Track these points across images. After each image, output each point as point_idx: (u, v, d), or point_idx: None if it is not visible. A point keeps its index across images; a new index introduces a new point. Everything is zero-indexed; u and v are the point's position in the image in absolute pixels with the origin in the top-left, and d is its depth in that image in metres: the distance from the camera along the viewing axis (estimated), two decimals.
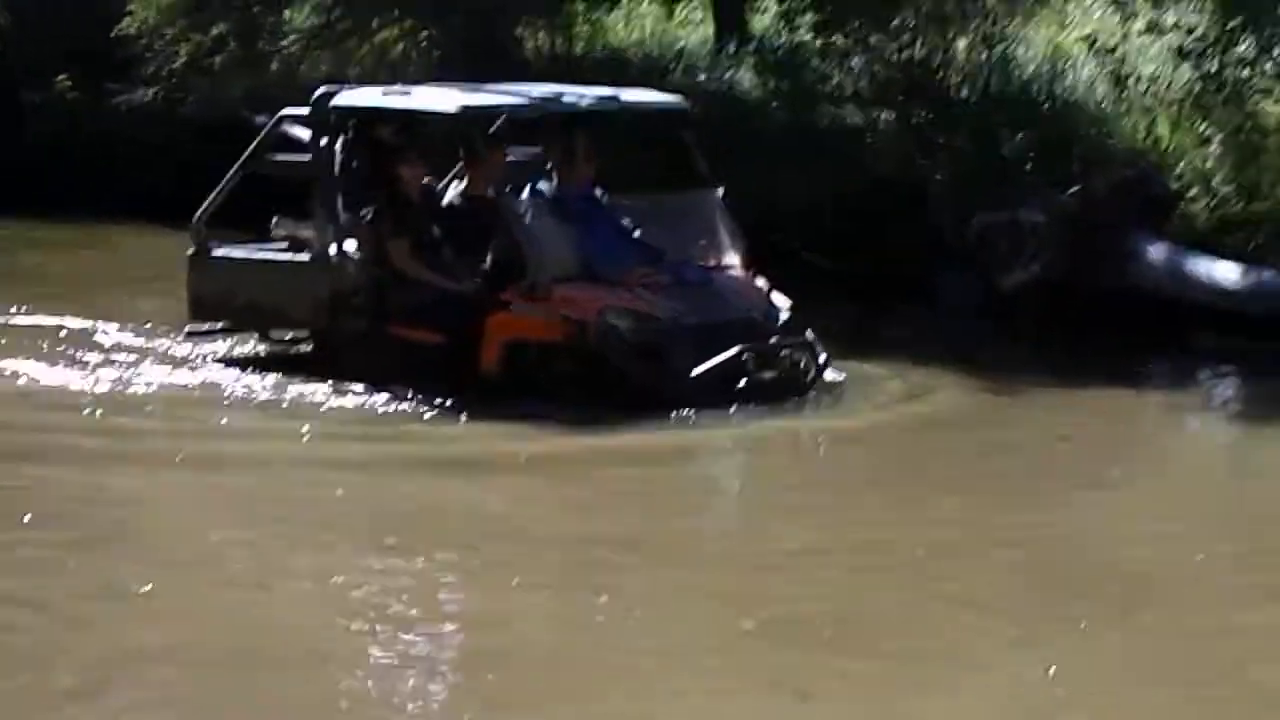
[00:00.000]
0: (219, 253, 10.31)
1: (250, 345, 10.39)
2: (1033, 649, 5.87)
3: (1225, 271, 11.01)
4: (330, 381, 9.45)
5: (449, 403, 9.09)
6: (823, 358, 9.52)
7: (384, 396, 9.27)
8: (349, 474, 8.18)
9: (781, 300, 9.67)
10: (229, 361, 10.14)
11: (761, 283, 9.73)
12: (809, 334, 9.54)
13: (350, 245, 9.81)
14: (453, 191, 10.01)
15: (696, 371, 9.09)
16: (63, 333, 10.82)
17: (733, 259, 9.88)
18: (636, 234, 9.76)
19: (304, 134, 10.43)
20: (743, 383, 9.18)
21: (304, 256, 9.98)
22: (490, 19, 15.96)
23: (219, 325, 10.36)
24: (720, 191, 10.02)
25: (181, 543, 7.15)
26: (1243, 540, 7.20)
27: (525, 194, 9.65)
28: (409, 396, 9.22)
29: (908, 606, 6.32)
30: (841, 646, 5.88)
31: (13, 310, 11.60)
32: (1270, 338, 10.67)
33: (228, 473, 8.26)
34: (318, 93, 10.06)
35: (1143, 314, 11.01)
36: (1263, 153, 11.30)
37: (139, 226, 16.39)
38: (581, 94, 10.30)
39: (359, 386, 9.36)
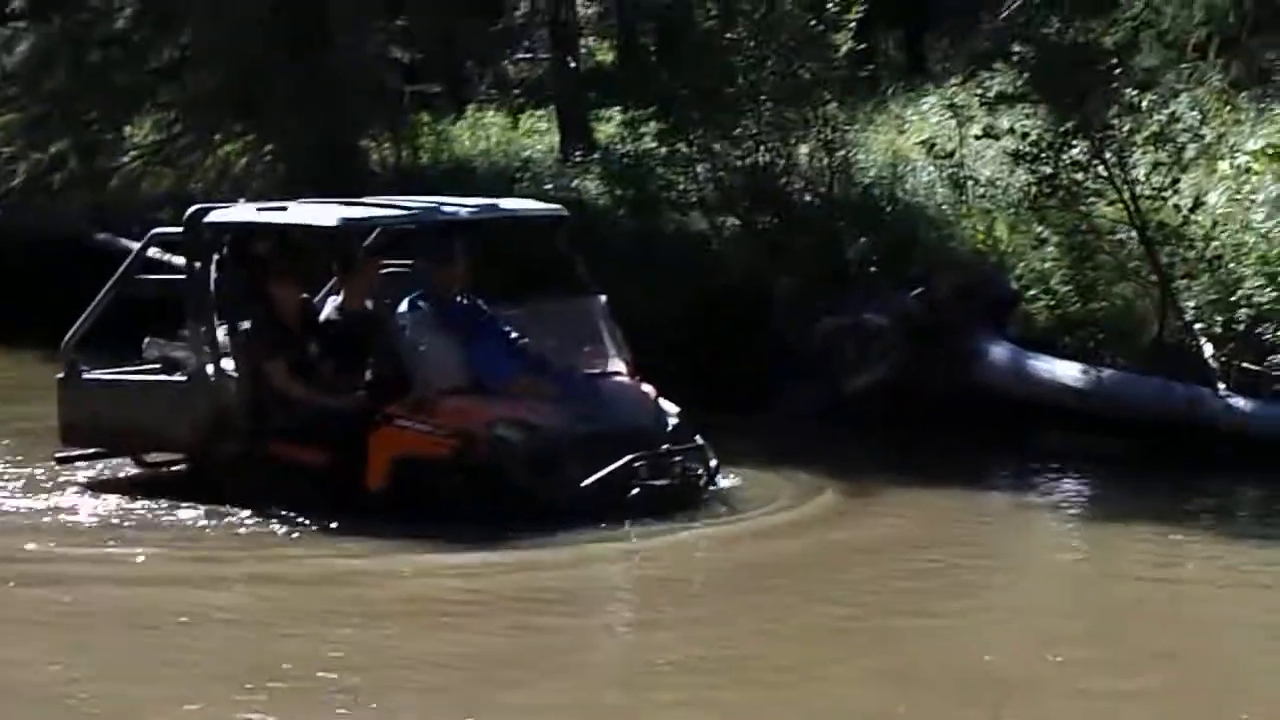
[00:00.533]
0: (90, 376, 10.14)
1: (122, 471, 10.15)
2: None
3: (1066, 370, 11.18)
4: (205, 506, 9.23)
5: (332, 524, 8.92)
6: (714, 463, 9.47)
7: (259, 519, 9.09)
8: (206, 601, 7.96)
9: (669, 406, 9.61)
10: (96, 487, 9.90)
11: (648, 389, 9.67)
12: (699, 439, 9.49)
13: (227, 364, 9.67)
14: (329, 306, 9.94)
15: (589, 481, 9.00)
16: None
17: (619, 365, 9.82)
18: (521, 343, 9.71)
19: (167, 257, 10.36)
20: (635, 491, 9.09)
21: (179, 377, 9.84)
22: (333, 131, 15.92)
23: (90, 450, 10.14)
24: (603, 298, 9.97)
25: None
26: (1098, 642, 7.25)
27: (404, 306, 9.54)
28: (290, 519, 9.05)
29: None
30: None
31: None
32: (1112, 434, 10.83)
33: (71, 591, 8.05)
34: (190, 210, 9.96)
35: (988, 413, 11.13)
36: (1098, 253, 11.51)
37: None
38: (460, 204, 10.29)
39: (238, 510, 9.17)
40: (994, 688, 6.60)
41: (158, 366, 10.08)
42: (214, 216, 9.88)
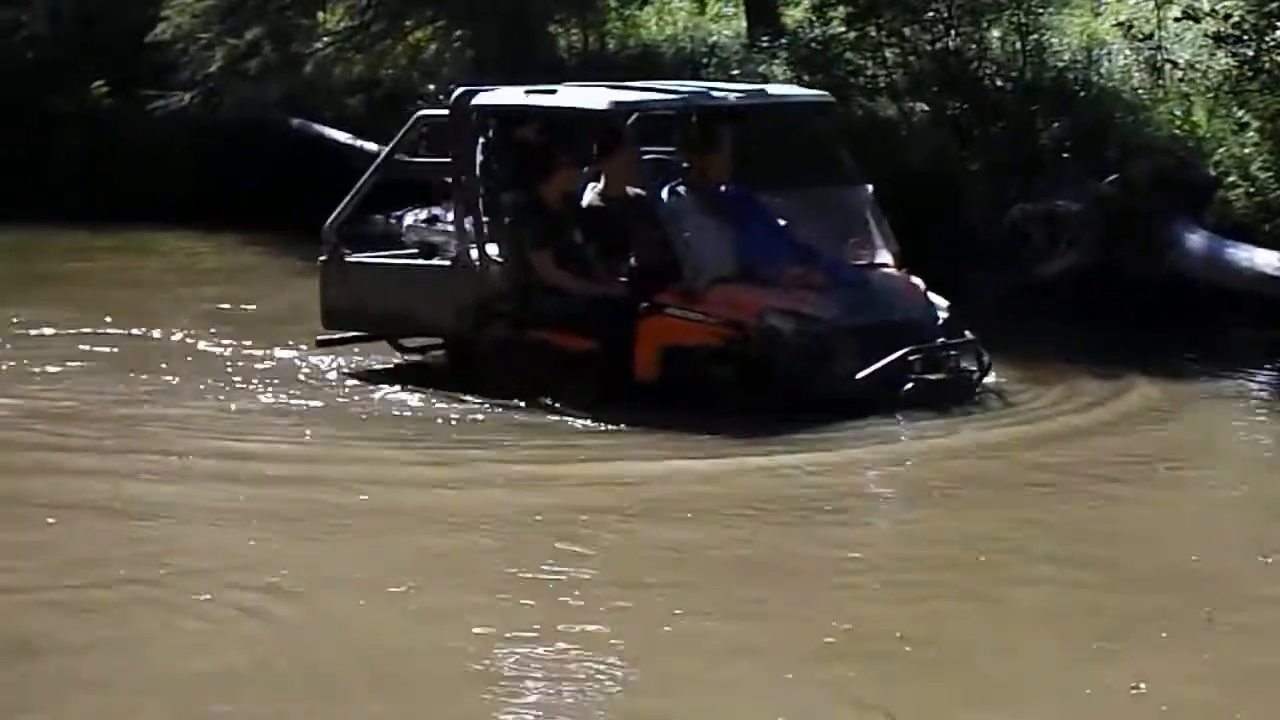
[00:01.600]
0: (353, 259, 10.08)
1: (380, 357, 10.09)
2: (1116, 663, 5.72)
3: (1265, 258, 10.92)
4: (472, 398, 9.15)
5: (598, 416, 8.76)
6: (986, 359, 9.22)
7: (527, 409, 8.98)
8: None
9: (940, 300, 9.38)
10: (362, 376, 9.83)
11: (918, 281, 9.41)
12: (969, 335, 9.26)
13: (492, 249, 9.52)
14: (590, 192, 9.64)
15: (862, 374, 8.79)
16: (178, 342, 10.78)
17: (886, 257, 9.58)
18: (789, 232, 9.46)
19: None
20: (909, 386, 8.88)
21: (444, 261, 9.77)
22: (522, 16, 15.97)
23: (350, 334, 10.11)
24: (869, 188, 9.69)
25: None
26: None
27: (665, 193, 9.29)
28: (558, 407, 8.96)
29: (983, 623, 6.17)
30: (921, 665, 5.74)
31: (107, 320, 11.56)
32: None
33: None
34: (457, 92, 9.73)
35: (1183, 303, 10.94)
36: None
37: (179, 232, 16.53)
38: (728, 89, 10.07)
39: (506, 399, 9.07)
40: (1204, 586, 6.47)
41: (417, 251, 10.02)
42: (481, 99, 9.64)
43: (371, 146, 16.68)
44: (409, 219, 10.21)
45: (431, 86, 16.79)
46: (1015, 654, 5.85)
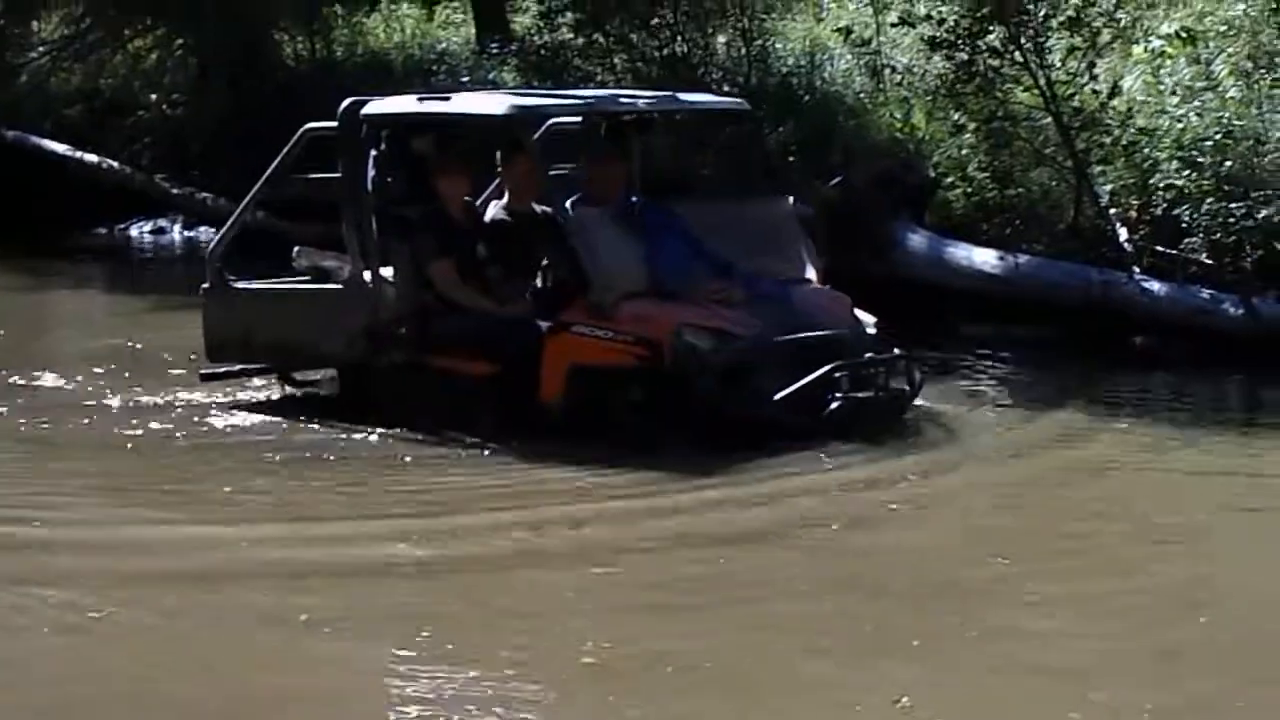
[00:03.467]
0: (238, 286, 9.39)
1: (267, 390, 9.45)
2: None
3: (984, 257, 11.23)
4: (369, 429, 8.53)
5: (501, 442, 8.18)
6: (918, 376, 8.68)
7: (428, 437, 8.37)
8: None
9: (866, 316, 8.79)
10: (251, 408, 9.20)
11: (844, 297, 8.87)
12: (899, 351, 8.68)
13: (387, 271, 8.89)
14: (493, 207, 9.10)
15: (784, 393, 8.16)
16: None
17: (809, 272, 8.99)
18: (704, 245, 8.81)
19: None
20: (834, 406, 8.24)
21: (335, 286, 9.10)
22: (247, 24, 15.72)
23: (236, 367, 9.43)
24: (790, 199, 9.22)
25: None
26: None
27: (569, 205, 8.71)
28: (458, 437, 8.32)
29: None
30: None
31: None
32: (1029, 321, 10.92)
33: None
34: (346, 102, 9.06)
35: (907, 301, 11.18)
36: (1014, 139, 11.54)
37: None
38: (636, 95, 9.56)
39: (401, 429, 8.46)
40: (949, 593, 6.45)
41: (309, 277, 9.30)
42: (372, 108, 9.01)
43: (91, 158, 16.29)
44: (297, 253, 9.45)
45: (154, 96, 16.45)
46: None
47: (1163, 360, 10.39)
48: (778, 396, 8.18)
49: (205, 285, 9.42)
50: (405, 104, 9.24)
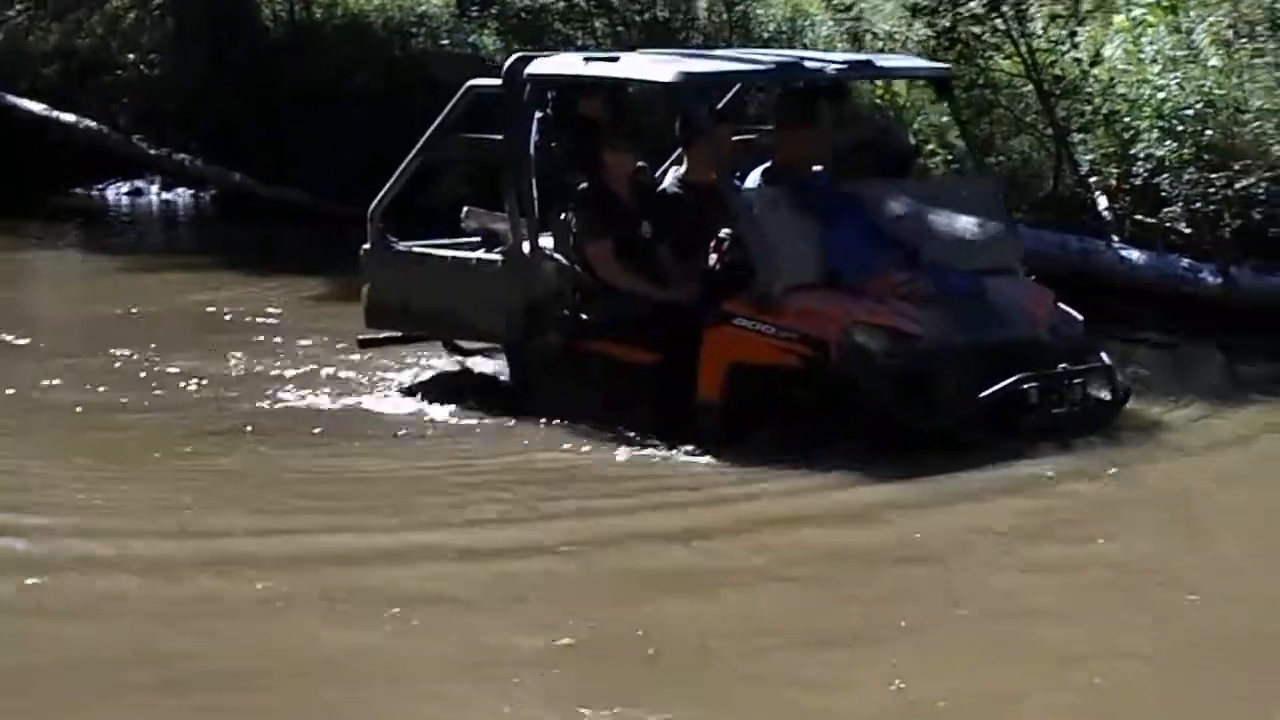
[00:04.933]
0: (400, 248, 8.82)
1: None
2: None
3: (965, 224, 11.21)
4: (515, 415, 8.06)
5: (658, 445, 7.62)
6: (1124, 385, 7.89)
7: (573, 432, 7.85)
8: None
9: (1073, 315, 7.99)
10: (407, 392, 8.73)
11: (1047, 293, 8.05)
12: (1105, 357, 7.91)
13: (547, 242, 8.29)
14: (670, 178, 8.41)
15: (967, 404, 7.40)
16: None
17: (1012, 263, 8.19)
18: (892, 230, 8.01)
19: None
20: (1027, 419, 7.49)
21: (494, 255, 8.46)
22: None
23: (397, 334, 8.97)
24: (996, 180, 8.54)
25: None
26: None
27: (752, 179, 7.98)
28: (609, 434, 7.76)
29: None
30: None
31: None
32: None
33: None
34: (511, 60, 8.49)
35: None
36: (995, 106, 11.54)
37: None
38: (827, 58, 8.75)
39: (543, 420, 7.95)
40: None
41: (478, 240, 8.70)
42: (537, 67, 8.37)
43: (69, 117, 16.19)
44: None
45: (131, 56, 16.35)
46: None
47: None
48: (961, 408, 7.38)
49: (365, 246, 8.86)
50: (571, 63, 8.60)
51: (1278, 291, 10.22)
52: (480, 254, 8.57)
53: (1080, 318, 8.01)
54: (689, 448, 7.62)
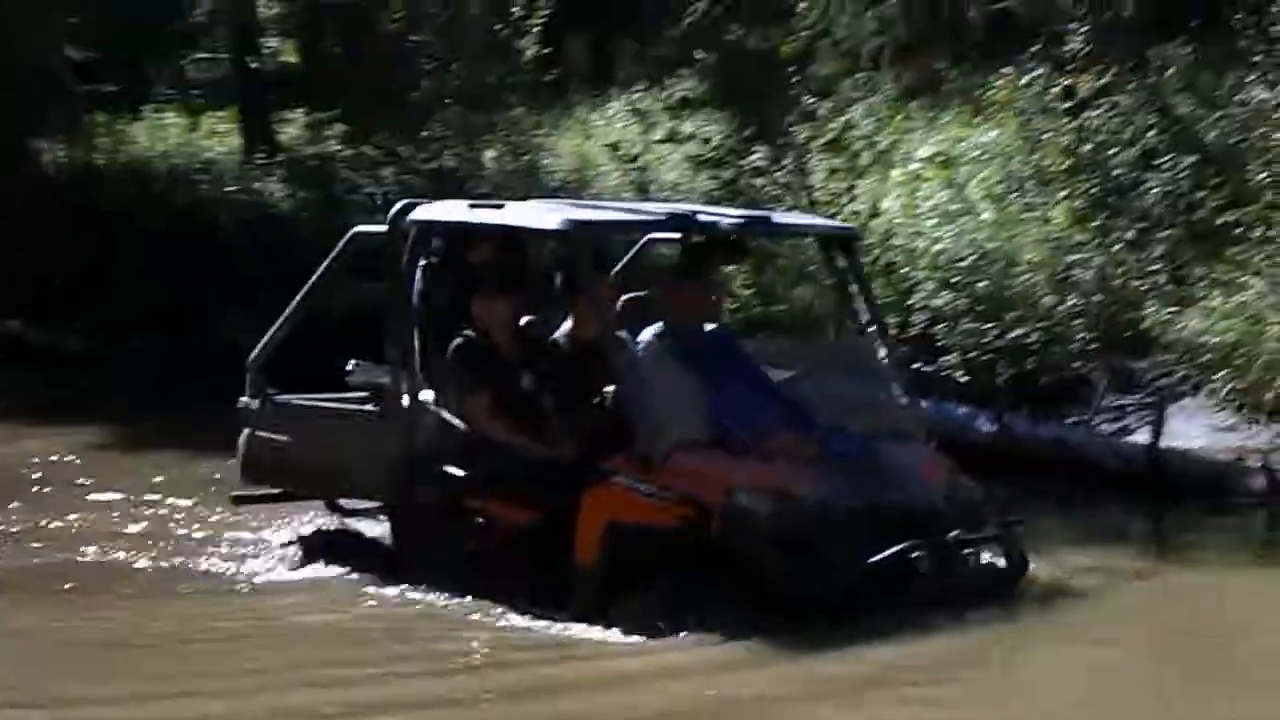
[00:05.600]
0: (280, 401, 8.40)
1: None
2: None
3: (861, 388, 11.28)
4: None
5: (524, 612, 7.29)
6: (1023, 556, 7.51)
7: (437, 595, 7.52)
8: None
9: (968, 483, 7.65)
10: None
11: (943, 459, 7.74)
12: (1009, 528, 7.54)
13: (428, 395, 7.92)
14: (560, 331, 8.08)
15: (855, 570, 7.05)
16: None
17: (907, 424, 7.84)
18: (780, 389, 7.68)
19: None
20: (917, 587, 7.14)
21: (372, 408, 8.09)
22: (4, 130, 15.45)
23: (272, 491, 8.52)
24: (890, 339, 8.19)
25: None
26: None
27: (646, 335, 7.61)
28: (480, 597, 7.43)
29: None
30: None
31: None
32: None
33: None
34: (397, 205, 8.21)
35: None
36: (777, 257, 11.77)
37: None
38: (720, 212, 8.43)
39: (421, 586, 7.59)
40: None
41: (364, 395, 8.27)
42: (421, 213, 8.08)
43: None
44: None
45: None
46: None
47: None
48: (845, 574, 7.05)
49: (243, 399, 8.49)
50: (456, 210, 8.30)
51: (1050, 439, 10.50)
52: (360, 407, 8.25)
53: (978, 486, 7.68)
54: (559, 614, 7.29)
